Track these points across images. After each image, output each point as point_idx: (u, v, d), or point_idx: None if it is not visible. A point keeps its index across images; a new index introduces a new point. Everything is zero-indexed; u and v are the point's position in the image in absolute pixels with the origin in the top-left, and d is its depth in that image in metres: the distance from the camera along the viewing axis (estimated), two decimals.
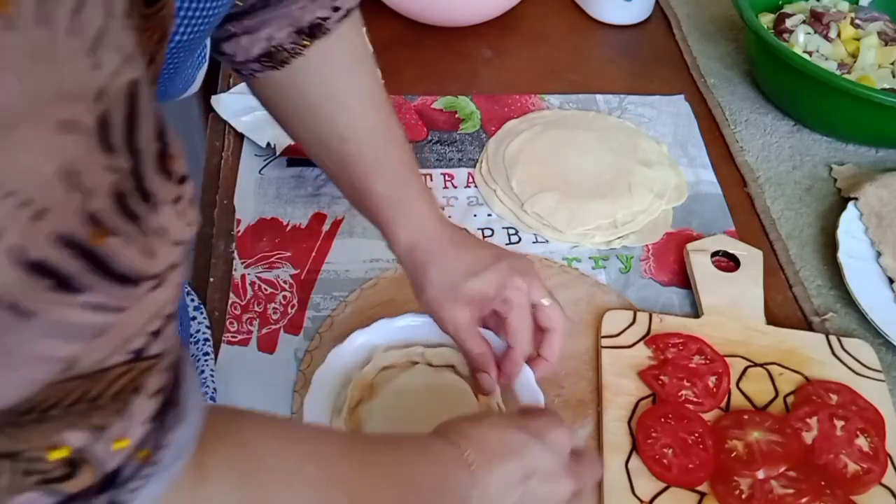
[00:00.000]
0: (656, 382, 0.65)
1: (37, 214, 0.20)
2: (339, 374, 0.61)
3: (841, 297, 0.75)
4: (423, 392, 0.60)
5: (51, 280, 0.21)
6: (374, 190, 0.58)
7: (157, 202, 0.23)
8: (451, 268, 0.58)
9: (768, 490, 0.58)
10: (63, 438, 0.24)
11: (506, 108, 0.94)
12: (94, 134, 0.21)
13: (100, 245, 0.22)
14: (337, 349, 0.61)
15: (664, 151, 0.89)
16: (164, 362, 0.27)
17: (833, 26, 0.94)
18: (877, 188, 0.82)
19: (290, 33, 0.54)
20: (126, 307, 0.23)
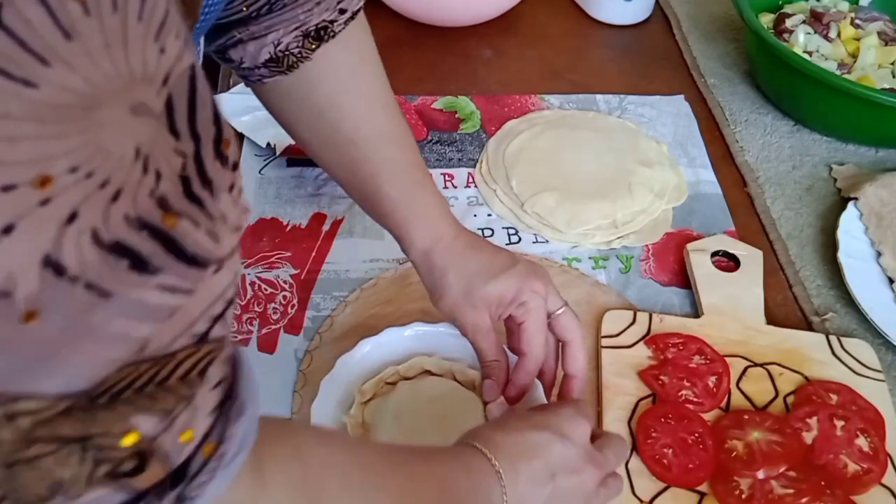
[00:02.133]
0: (656, 382, 0.65)
1: (114, 196, 0.20)
2: (345, 382, 0.61)
3: (841, 297, 0.75)
4: (431, 402, 0.60)
5: (128, 260, 0.21)
6: (386, 193, 0.58)
7: (216, 189, 0.24)
8: (469, 271, 0.58)
9: (768, 490, 0.58)
10: (134, 422, 0.24)
11: (506, 108, 0.94)
12: (163, 118, 0.21)
13: (172, 227, 0.22)
14: (344, 357, 0.61)
15: (664, 151, 0.89)
16: (225, 352, 0.27)
17: (833, 26, 0.94)
18: (877, 188, 0.82)
19: (296, 37, 0.53)
20: (194, 290, 0.24)
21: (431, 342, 0.63)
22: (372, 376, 0.61)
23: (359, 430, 0.58)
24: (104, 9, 0.19)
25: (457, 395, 0.61)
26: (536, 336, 0.58)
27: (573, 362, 0.59)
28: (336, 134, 0.57)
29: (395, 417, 0.58)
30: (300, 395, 0.64)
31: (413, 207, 0.59)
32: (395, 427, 0.58)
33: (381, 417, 0.58)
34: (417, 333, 0.63)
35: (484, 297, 0.57)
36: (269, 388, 0.65)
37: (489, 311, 0.58)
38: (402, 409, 0.59)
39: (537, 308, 0.58)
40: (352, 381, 0.61)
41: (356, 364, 0.61)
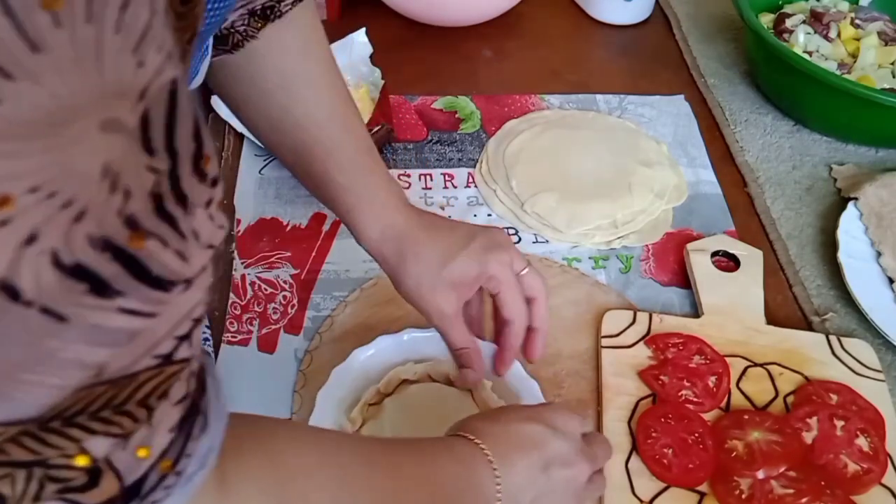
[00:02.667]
0: (656, 382, 0.65)
1: (77, 216, 0.19)
2: (342, 392, 0.60)
3: (841, 297, 0.75)
4: (421, 410, 0.60)
5: (88, 284, 0.20)
6: (334, 179, 0.57)
7: (191, 204, 0.23)
8: (426, 255, 0.57)
9: (768, 490, 0.58)
10: (87, 445, 0.23)
11: (506, 108, 0.94)
12: (137, 134, 0.20)
13: (138, 248, 0.21)
14: (338, 369, 0.61)
15: (664, 151, 0.89)
16: (190, 368, 0.26)
17: (833, 26, 0.94)
18: (877, 188, 0.82)
19: (241, 15, 0.53)
20: (158, 313, 0.23)
21: (424, 346, 0.63)
22: (367, 385, 0.61)
23: None
24: (77, 20, 0.18)
25: (442, 396, 0.61)
26: (516, 302, 0.58)
27: (538, 318, 0.60)
28: (284, 117, 0.56)
29: (395, 436, 0.58)
30: (300, 395, 0.64)
31: (362, 194, 0.57)
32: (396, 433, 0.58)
33: (382, 424, 0.59)
34: (414, 339, 0.63)
35: (446, 279, 0.57)
36: (269, 388, 0.65)
37: (455, 293, 0.57)
38: (397, 426, 0.58)
39: (507, 277, 0.57)
40: (347, 394, 0.61)
41: (352, 374, 0.61)
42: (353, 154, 0.58)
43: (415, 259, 0.57)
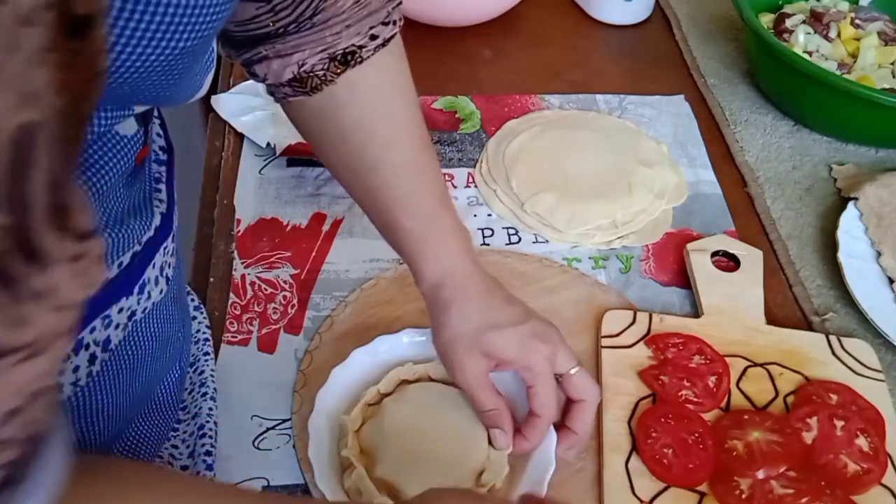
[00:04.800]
0: (656, 382, 0.65)
1: None
2: (342, 392, 0.60)
3: (841, 297, 0.75)
4: (421, 410, 0.59)
5: None
6: (403, 224, 0.56)
7: (46, 260, 0.20)
8: (473, 314, 0.56)
9: (768, 490, 0.58)
10: None
11: (506, 108, 0.94)
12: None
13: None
14: (338, 369, 0.61)
15: (664, 151, 0.89)
16: (11, 448, 0.23)
17: (833, 26, 0.94)
18: (877, 188, 0.82)
19: (322, 59, 0.52)
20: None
21: (425, 347, 0.62)
22: (367, 386, 0.61)
23: (361, 459, 0.57)
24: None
25: (443, 395, 0.60)
26: (548, 399, 0.56)
27: (579, 420, 0.58)
28: (359, 160, 0.55)
29: (395, 437, 0.57)
30: (300, 395, 0.64)
31: (427, 240, 0.57)
32: (399, 445, 0.57)
33: (381, 441, 0.58)
34: (413, 341, 0.63)
35: (484, 345, 0.56)
36: (269, 388, 0.65)
37: (485, 362, 0.56)
38: (398, 426, 0.58)
39: (544, 370, 0.56)
40: (346, 394, 0.61)
41: (350, 377, 0.61)
42: (426, 200, 0.57)
43: (460, 313, 0.56)
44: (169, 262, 0.48)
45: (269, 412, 0.64)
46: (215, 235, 0.77)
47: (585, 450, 0.62)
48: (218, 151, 0.85)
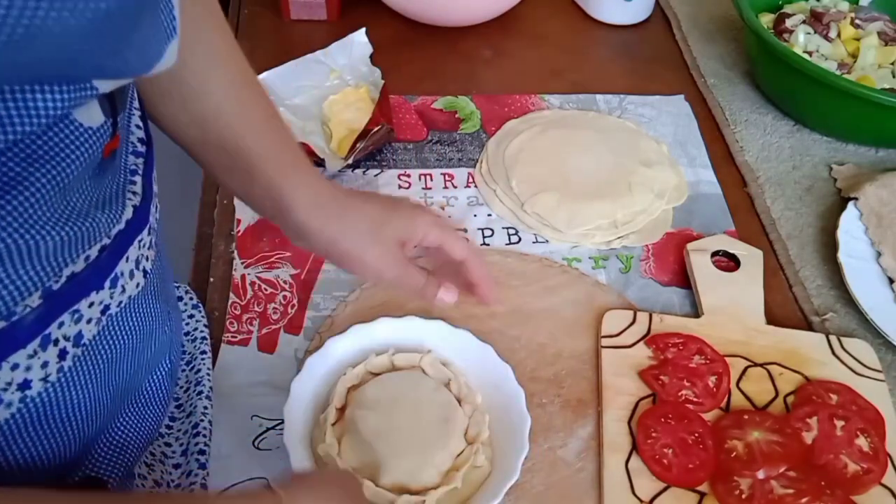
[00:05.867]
0: (656, 382, 0.65)
1: None
2: (315, 383, 0.60)
3: (841, 297, 0.75)
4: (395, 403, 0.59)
5: None
6: (260, 169, 0.57)
7: None
8: (360, 218, 0.58)
9: (768, 490, 0.58)
10: None
11: (506, 108, 0.94)
12: None
13: None
14: (312, 359, 0.61)
15: (664, 151, 0.89)
16: None
17: (833, 26, 0.94)
18: (877, 188, 0.82)
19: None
20: None
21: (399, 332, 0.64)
22: (342, 373, 0.61)
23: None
24: None
25: (399, 384, 0.60)
26: (460, 241, 0.61)
27: (475, 274, 0.62)
28: (207, 117, 0.55)
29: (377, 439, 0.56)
30: None
31: (293, 175, 0.58)
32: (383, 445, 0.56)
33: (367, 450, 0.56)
34: (391, 327, 0.64)
35: (383, 240, 0.58)
36: (269, 388, 0.65)
37: (393, 251, 0.59)
38: (372, 431, 0.56)
39: (442, 226, 0.60)
40: (321, 385, 0.61)
41: (325, 364, 0.62)
42: (280, 148, 0.58)
43: (350, 222, 0.58)
44: (146, 256, 0.47)
45: (269, 412, 0.64)
46: (215, 235, 0.77)
47: (585, 450, 0.62)
48: None
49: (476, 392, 0.60)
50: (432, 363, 0.62)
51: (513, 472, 0.55)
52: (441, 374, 0.61)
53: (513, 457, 0.57)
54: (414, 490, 0.54)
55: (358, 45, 0.92)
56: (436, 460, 0.56)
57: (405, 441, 0.56)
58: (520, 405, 0.59)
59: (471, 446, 0.57)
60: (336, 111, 0.87)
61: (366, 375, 0.61)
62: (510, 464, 0.56)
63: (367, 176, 0.84)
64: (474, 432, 0.58)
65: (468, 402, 0.59)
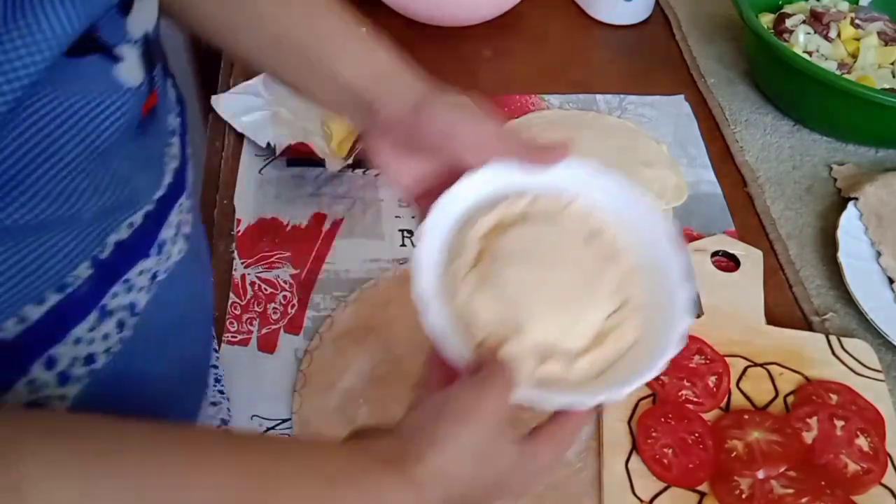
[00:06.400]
0: (656, 382, 0.65)
1: None
2: (445, 230, 0.49)
3: (841, 297, 0.75)
4: (534, 255, 0.48)
5: None
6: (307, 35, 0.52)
7: None
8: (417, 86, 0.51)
9: (768, 490, 0.58)
10: None
11: (506, 108, 0.94)
12: None
13: None
14: (441, 201, 0.48)
15: (664, 151, 0.89)
16: None
17: (833, 26, 0.94)
18: (877, 188, 0.82)
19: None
20: None
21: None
22: (486, 210, 0.50)
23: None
24: None
25: (545, 231, 0.50)
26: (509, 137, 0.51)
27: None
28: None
29: (520, 289, 0.47)
30: (300, 394, 0.64)
31: (346, 44, 0.53)
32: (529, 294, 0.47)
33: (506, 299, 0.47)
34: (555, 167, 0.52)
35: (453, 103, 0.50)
36: (269, 388, 0.65)
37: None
38: (510, 283, 0.47)
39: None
40: (464, 217, 0.50)
41: (475, 194, 0.50)
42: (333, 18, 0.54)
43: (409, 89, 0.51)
44: (186, 220, 0.46)
45: (269, 412, 0.64)
46: (215, 235, 0.77)
47: (585, 450, 0.62)
48: (218, 151, 0.85)
49: (629, 248, 0.50)
50: (578, 212, 0.51)
51: (671, 344, 0.46)
52: (588, 225, 0.51)
53: (670, 326, 0.47)
54: (561, 352, 0.46)
55: None
56: (583, 323, 0.47)
57: (549, 299, 0.47)
58: (680, 266, 0.49)
59: (621, 309, 0.48)
60: None
61: (501, 224, 0.50)
62: (667, 334, 0.47)
63: (367, 176, 0.84)
64: (625, 294, 0.48)
65: (619, 260, 0.50)
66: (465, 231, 0.50)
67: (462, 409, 0.39)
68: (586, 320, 0.47)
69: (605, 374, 0.46)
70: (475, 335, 0.45)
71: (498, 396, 0.40)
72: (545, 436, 0.43)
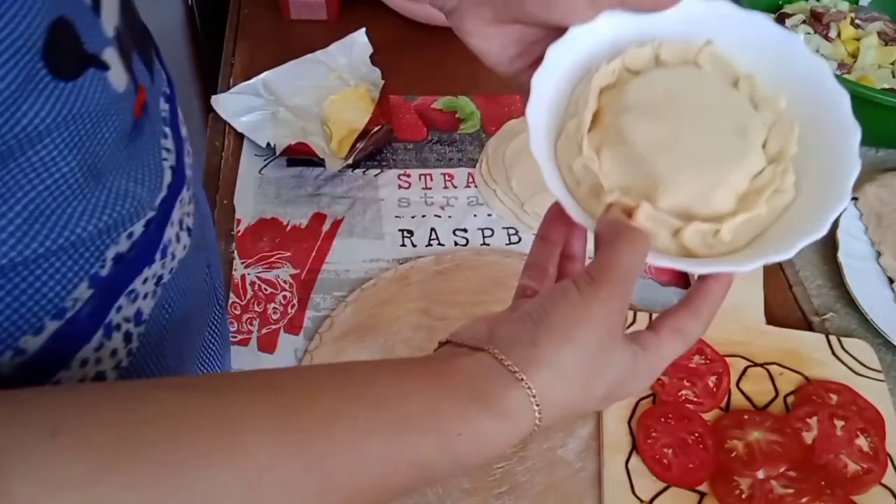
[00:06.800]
0: (656, 382, 0.65)
1: None
2: (560, 79, 0.43)
3: (841, 297, 0.75)
4: (674, 106, 0.42)
5: None
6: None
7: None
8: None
9: (768, 490, 0.58)
10: None
11: (506, 108, 0.94)
12: None
13: None
14: (553, 48, 0.42)
15: None
16: None
17: (833, 26, 0.94)
18: (877, 188, 0.82)
19: None
20: None
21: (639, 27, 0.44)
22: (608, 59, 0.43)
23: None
24: None
25: (681, 76, 0.43)
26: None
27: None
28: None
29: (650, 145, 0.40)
30: None
31: None
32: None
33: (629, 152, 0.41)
34: (681, 8, 0.43)
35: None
36: None
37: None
38: (647, 137, 0.41)
39: None
40: (582, 65, 0.44)
41: (593, 40, 0.43)
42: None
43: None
44: (188, 212, 0.43)
45: None
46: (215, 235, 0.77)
47: (585, 450, 0.62)
48: (218, 151, 0.85)
49: (778, 94, 0.43)
50: (714, 57, 0.44)
51: (843, 196, 0.40)
52: (726, 71, 0.44)
53: (839, 175, 0.41)
54: (703, 216, 0.40)
55: (358, 45, 0.92)
56: (731, 180, 0.40)
57: (691, 154, 0.41)
58: (842, 111, 0.42)
59: (774, 164, 0.41)
60: (336, 111, 0.87)
61: (623, 73, 0.44)
62: (836, 185, 0.41)
63: (367, 176, 0.84)
64: (777, 147, 0.42)
65: (767, 108, 0.43)
66: (584, 83, 0.43)
67: (565, 319, 0.33)
68: (733, 178, 0.40)
69: (758, 241, 0.41)
70: (602, 200, 0.39)
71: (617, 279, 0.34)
72: (667, 328, 0.37)
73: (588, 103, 0.41)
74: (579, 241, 0.43)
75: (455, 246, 0.78)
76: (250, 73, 0.90)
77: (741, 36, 0.44)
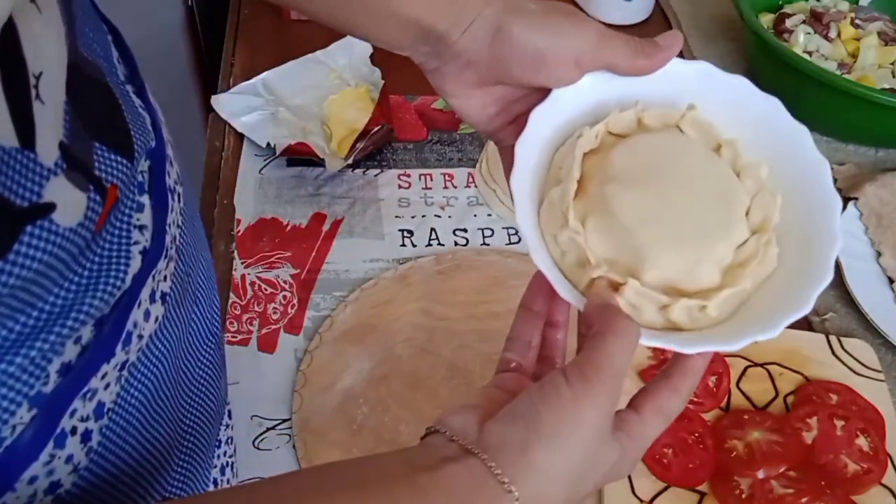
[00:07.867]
0: None
1: None
2: (543, 145, 0.43)
3: (841, 297, 0.75)
4: (653, 170, 0.42)
5: None
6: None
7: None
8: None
9: (768, 490, 0.58)
10: None
11: None
12: None
13: None
14: (536, 113, 0.42)
15: None
16: None
17: (833, 26, 0.94)
18: (877, 188, 0.82)
19: None
20: None
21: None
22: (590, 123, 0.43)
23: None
24: None
25: (661, 144, 0.43)
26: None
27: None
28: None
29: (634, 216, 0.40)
30: (300, 395, 0.64)
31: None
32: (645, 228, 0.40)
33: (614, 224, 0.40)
34: (664, 70, 0.43)
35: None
36: (269, 389, 0.65)
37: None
38: (630, 206, 0.40)
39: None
40: (563, 129, 0.44)
41: (574, 104, 0.43)
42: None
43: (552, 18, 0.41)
44: (164, 276, 0.38)
45: (269, 412, 0.64)
46: (215, 235, 0.77)
47: None
48: (218, 151, 0.85)
49: (760, 162, 0.43)
50: (696, 122, 0.43)
51: (825, 273, 0.39)
52: (708, 137, 0.43)
53: (821, 249, 0.40)
54: (689, 292, 0.39)
55: (358, 45, 0.92)
56: (716, 253, 0.40)
57: (676, 226, 0.40)
58: (823, 180, 0.43)
59: (758, 235, 0.41)
60: (336, 111, 0.87)
61: (607, 137, 0.43)
62: (818, 260, 0.40)
63: (368, 176, 0.84)
64: (760, 217, 0.41)
65: (749, 176, 0.43)
66: (566, 148, 0.43)
67: (557, 422, 0.32)
68: (718, 251, 0.40)
69: (742, 313, 0.40)
70: (587, 273, 0.39)
71: (608, 384, 0.34)
72: (650, 408, 0.37)
73: (572, 172, 0.41)
74: (563, 310, 0.43)
75: (455, 246, 0.78)
76: (250, 73, 0.90)
77: (724, 97, 0.44)
